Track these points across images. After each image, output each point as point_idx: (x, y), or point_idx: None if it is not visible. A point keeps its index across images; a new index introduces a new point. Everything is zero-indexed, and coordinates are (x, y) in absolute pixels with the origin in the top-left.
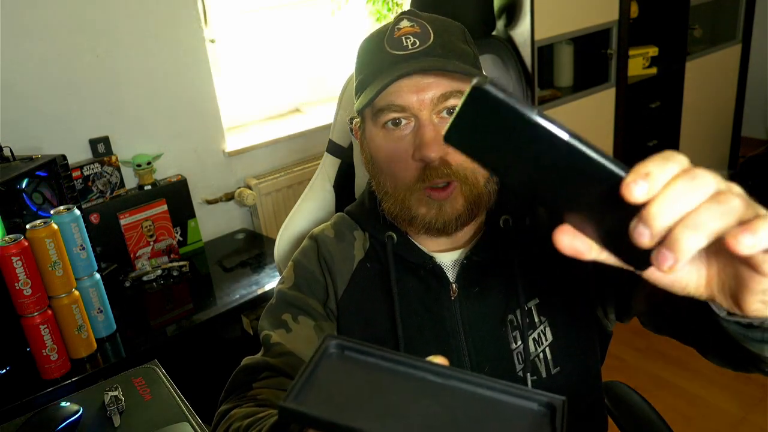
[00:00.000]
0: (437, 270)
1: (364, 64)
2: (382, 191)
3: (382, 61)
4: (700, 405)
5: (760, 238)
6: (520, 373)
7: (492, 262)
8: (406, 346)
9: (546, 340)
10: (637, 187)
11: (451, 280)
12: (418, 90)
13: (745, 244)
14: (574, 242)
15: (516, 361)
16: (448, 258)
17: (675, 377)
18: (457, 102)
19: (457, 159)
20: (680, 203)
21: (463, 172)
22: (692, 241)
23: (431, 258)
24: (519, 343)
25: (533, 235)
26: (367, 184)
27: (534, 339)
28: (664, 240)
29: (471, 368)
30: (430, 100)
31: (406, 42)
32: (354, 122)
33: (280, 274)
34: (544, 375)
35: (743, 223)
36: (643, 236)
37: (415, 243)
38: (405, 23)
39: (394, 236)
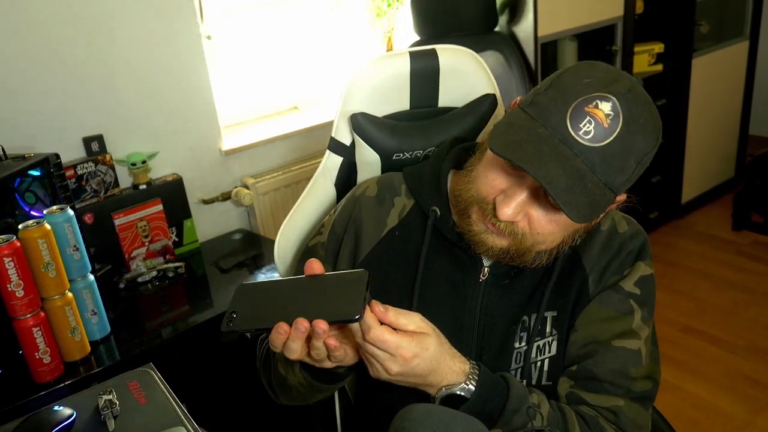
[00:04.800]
0: (474, 250)
1: (553, 90)
2: (462, 183)
3: (554, 117)
4: (707, 409)
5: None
6: (512, 372)
7: (529, 265)
8: (420, 313)
9: (549, 352)
10: None
11: (485, 265)
12: None
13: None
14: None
15: (513, 360)
16: None
17: (681, 381)
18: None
19: (524, 227)
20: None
21: (521, 237)
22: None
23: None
24: (523, 344)
25: (574, 250)
26: (436, 160)
27: (538, 346)
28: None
29: (473, 350)
30: (551, 191)
31: (585, 126)
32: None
33: (280, 275)
34: (533, 383)
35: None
36: None
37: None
38: (606, 107)
39: (438, 210)
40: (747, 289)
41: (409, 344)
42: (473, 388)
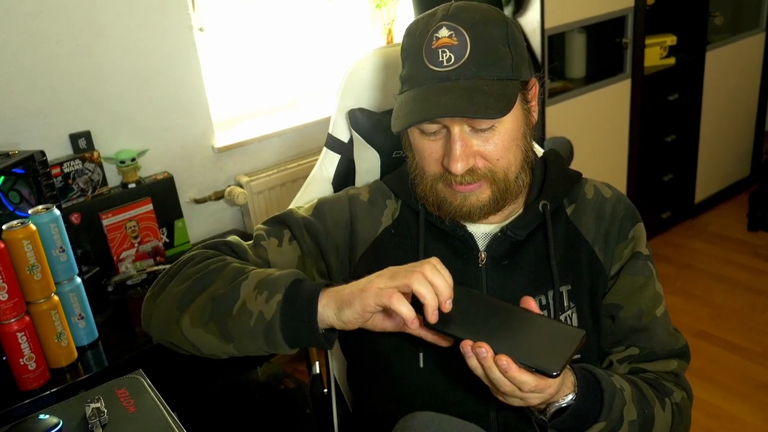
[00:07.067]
0: (468, 237)
1: (405, 60)
2: (414, 174)
3: (419, 72)
4: (722, 417)
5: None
6: None
7: (525, 241)
8: None
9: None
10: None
11: (481, 249)
12: None
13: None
14: None
15: None
16: (480, 230)
17: (695, 388)
18: (487, 122)
19: (485, 164)
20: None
21: (491, 175)
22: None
23: (463, 226)
24: None
25: (570, 224)
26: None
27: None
28: None
29: None
30: (461, 117)
31: (442, 57)
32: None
33: None
34: None
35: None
36: None
37: None
38: (444, 32)
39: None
40: (764, 293)
41: (552, 382)
42: (574, 395)
